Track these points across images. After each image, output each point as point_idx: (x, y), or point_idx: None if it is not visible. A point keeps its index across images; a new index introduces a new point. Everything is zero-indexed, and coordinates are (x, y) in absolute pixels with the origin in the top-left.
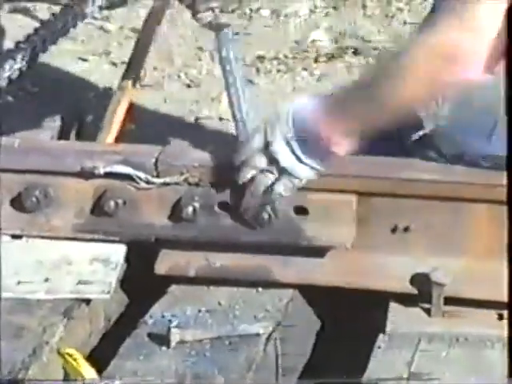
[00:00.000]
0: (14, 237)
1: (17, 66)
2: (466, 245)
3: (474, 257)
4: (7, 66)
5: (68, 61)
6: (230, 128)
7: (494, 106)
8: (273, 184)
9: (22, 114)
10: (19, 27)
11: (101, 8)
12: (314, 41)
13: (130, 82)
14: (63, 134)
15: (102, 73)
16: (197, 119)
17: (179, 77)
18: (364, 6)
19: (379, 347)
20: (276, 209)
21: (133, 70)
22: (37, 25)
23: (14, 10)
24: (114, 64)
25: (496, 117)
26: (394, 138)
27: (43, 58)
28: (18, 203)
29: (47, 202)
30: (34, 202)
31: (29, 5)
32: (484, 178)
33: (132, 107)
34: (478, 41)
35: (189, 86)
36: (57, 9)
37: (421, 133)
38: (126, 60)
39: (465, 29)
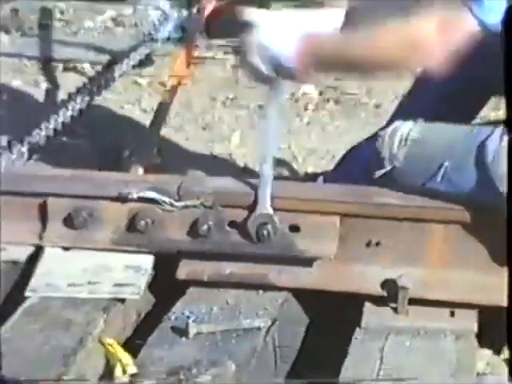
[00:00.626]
0: (65, 249)
1: (69, 113)
2: (425, 257)
3: (432, 267)
4: (61, 113)
5: (109, 108)
6: (237, 162)
7: (443, 151)
8: None
9: (74, 151)
10: (71, 82)
11: (134, 67)
12: (304, 93)
13: (158, 125)
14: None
15: (136, 118)
16: (211, 155)
17: (196, 121)
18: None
19: (356, 338)
20: (274, 227)
21: (160, 115)
22: (85, 80)
23: (67, 69)
24: (145, 111)
25: (444, 160)
26: (365, 174)
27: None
28: (68, 222)
29: (91, 221)
30: (81, 220)
31: (78, 65)
32: (439, 203)
33: (161, 142)
34: (443, 39)
35: (204, 128)
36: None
37: (383, 171)
38: (155, 107)
39: (436, 23)
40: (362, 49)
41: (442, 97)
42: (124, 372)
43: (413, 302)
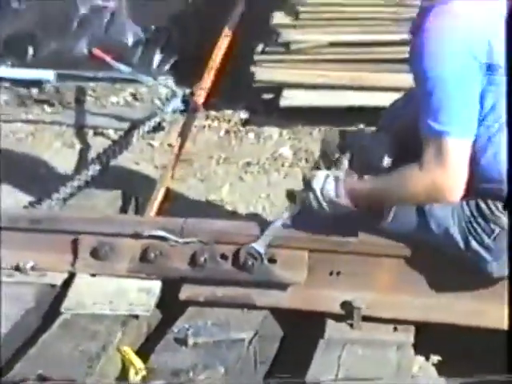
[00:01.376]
0: (92, 275)
1: (97, 168)
2: (375, 284)
3: (380, 292)
4: (91, 168)
5: (127, 164)
6: (227, 207)
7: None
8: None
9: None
10: (99, 144)
11: (148, 132)
12: (281, 154)
13: (166, 177)
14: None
15: (149, 172)
16: (206, 201)
17: (195, 174)
18: (311, 133)
19: (320, 348)
20: (257, 260)
21: (168, 170)
22: (110, 143)
23: (96, 134)
24: (156, 167)
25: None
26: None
27: (113, 162)
28: (94, 254)
29: (112, 254)
30: (104, 253)
31: (105, 131)
32: (386, 241)
33: (168, 191)
34: (454, 178)
35: (202, 180)
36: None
37: (383, 225)
38: (165, 164)
39: (447, 170)
40: (387, 195)
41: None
42: (136, 373)
43: (365, 319)
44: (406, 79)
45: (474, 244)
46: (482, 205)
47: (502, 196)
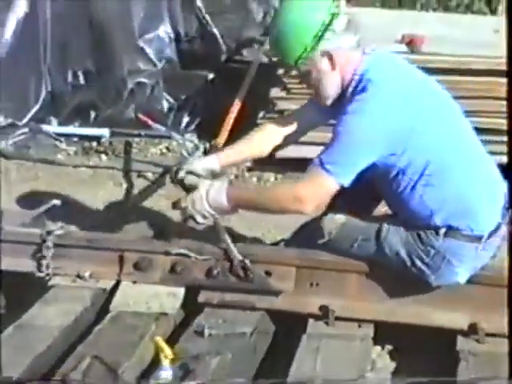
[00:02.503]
0: (133, 282)
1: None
2: (345, 293)
3: (349, 298)
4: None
5: (160, 199)
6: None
7: (357, 231)
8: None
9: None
10: (141, 184)
11: None
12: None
13: None
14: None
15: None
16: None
17: None
18: (298, 177)
19: (303, 340)
20: (256, 272)
21: None
22: (149, 183)
23: (139, 176)
24: None
25: (358, 236)
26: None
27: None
28: (136, 266)
29: (149, 266)
30: (143, 266)
31: (145, 174)
32: (353, 261)
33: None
34: (313, 199)
35: None
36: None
37: (321, 241)
38: None
39: (313, 192)
40: (263, 200)
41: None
42: (166, 358)
43: (337, 319)
44: None
45: (417, 262)
46: (422, 234)
47: (433, 226)
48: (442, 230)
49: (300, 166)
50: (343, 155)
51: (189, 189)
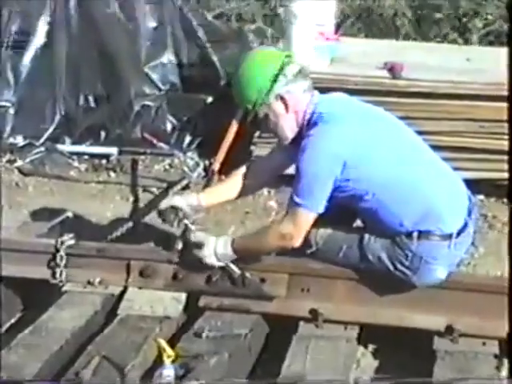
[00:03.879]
0: (139, 288)
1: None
2: (334, 297)
3: (337, 303)
4: (140, 214)
5: None
6: None
7: (342, 241)
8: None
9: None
10: (147, 198)
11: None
12: (270, 205)
13: None
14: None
15: None
16: None
17: (211, 219)
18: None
19: (295, 341)
20: (252, 279)
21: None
22: (153, 197)
23: (145, 190)
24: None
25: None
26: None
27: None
28: (141, 274)
29: (153, 274)
30: (148, 273)
31: (150, 188)
32: (340, 268)
33: None
34: (298, 233)
35: (215, 224)
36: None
37: (309, 251)
38: None
39: (295, 227)
40: (260, 245)
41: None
42: (168, 357)
43: (325, 321)
44: None
45: (398, 266)
46: (397, 239)
47: (405, 232)
48: (415, 234)
49: (289, 180)
50: (310, 188)
51: (172, 223)
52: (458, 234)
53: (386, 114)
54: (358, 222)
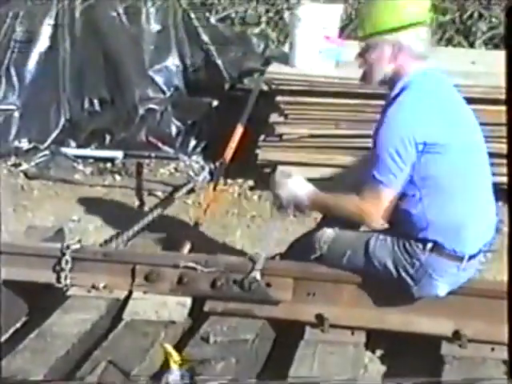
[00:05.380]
0: (144, 292)
1: (150, 218)
2: (339, 302)
3: (343, 307)
4: (146, 218)
5: (171, 216)
6: (238, 247)
7: (347, 244)
8: None
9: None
10: (152, 201)
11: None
12: None
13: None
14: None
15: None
16: (224, 242)
17: (217, 224)
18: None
19: (301, 346)
20: (258, 284)
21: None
22: (158, 201)
23: (150, 194)
24: (190, 218)
25: (347, 249)
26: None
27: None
28: (146, 278)
29: (158, 278)
30: (153, 278)
31: (156, 192)
32: (345, 272)
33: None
34: (377, 211)
35: (222, 227)
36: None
37: (313, 256)
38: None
39: (374, 205)
40: (336, 210)
41: None
42: (174, 363)
43: (331, 326)
44: None
45: (402, 273)
46: (408, 246)
47: (422, 238)
48: (429, 245)
49: None
50: (389, 164)
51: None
52: (470, 258)
53: (471, 115)
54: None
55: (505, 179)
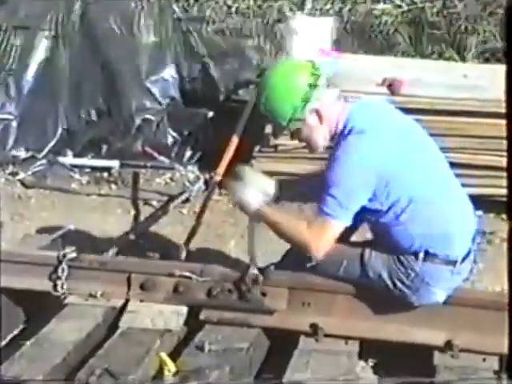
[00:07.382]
0: (140, 301)
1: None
2: (333, 312)
3: (337, 317)
4: (141, 226)
5: (165, 225)
6: (233, 256)
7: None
8: None
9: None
10: (147, 210)
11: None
12: None
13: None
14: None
15: (179, 232)
16: (219, 251)
17: (212, 233)
18: (289, 206)
19: (295, 355)
20: (253, 293)
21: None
22: (154, 210)
23: (145, 203)
24: (186, 227)
25: (342, 259)
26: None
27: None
28: (142, 287)
29: (154, 287)
30: (148, 286)
31: (150, 201)
32: (340, 283)
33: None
34: (323, 245)
35: (217, 236)
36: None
37: (309, 264)
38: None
39: (321, 238)
40: (278, 227)
41: None
42: (169, 371)
43: (326, 336)
44: None
45: (398, 284)
46: (402, 258)
47: (413, 251)
48: (421, 255)
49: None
50: (343, 199)
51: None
52: (463, 260)
53: (419, 129)
54: (358, 233)
55: (494, 191)
